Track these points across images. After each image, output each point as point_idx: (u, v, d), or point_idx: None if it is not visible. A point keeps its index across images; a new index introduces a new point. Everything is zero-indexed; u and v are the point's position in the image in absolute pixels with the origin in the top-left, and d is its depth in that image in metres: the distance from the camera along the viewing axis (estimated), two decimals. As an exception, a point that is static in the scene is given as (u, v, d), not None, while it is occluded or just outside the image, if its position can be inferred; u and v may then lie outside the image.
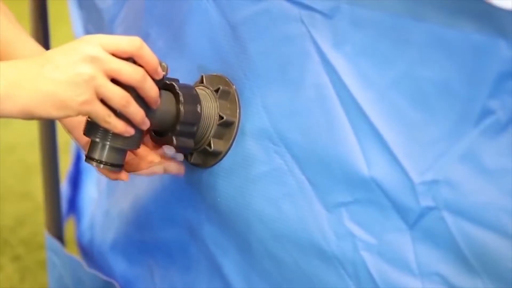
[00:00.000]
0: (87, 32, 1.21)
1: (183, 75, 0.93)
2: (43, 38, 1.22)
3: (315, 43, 0.82)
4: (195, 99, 0.88)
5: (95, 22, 1.14)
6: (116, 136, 0.82)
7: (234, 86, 0.90)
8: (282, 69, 0.85)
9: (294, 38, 0.84)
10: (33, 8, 1.23)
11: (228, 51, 0.90)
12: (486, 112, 0.71)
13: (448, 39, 0.73)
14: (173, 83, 0.87)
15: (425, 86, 0.75)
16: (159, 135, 0.89)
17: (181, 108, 0.86)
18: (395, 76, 0.77)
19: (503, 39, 0.70)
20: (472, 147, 0.72)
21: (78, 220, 1.43)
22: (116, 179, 0.89)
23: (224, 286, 0.96)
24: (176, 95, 0.87)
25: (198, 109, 0.88)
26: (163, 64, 0.84)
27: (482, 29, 0.71)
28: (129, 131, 0.82)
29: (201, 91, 0.90)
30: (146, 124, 0.83)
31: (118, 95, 0.79)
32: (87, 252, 1.29)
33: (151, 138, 0.90)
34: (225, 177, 0.90)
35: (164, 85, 0.87)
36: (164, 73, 0.84)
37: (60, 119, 0.80)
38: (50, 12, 1.25)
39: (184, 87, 0.88)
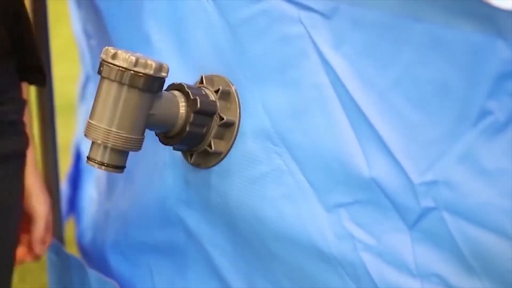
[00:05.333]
0: (86, 32, 1.22)
1: (183, 75, 0.93)
2: (43, 38, 1.22)
3: (314, 43, 0.82)
4: (213, 108, 0.89)
5: (95, 23, 1.15)
6: (118, 137, 0.82)
7: (234, 87, 0.90)
8: (282, 70, 0.85)
9: (293, 38, 0.84)
10: (33, 8, 1.23)
11: (228, 51, 0.90)
12: (485, 113, 0.71)
13: (446, 40, 0.73)
14: (191, 90, 0.88)
15: (424, 87, 0.75)
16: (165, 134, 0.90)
17: (192, 114, 0.87)
18: (394, 77, 0.77)
19: (501, 39, 0.70)
20: (471, 148, 0.72)
21: (78, 220, 1.43)
22: None
23: (222, 286, 0.96)
24: (193, 102, 0.87)
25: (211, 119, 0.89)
26: (164, 65, 0.84)
27: (481, 29, 0.71)
28: None
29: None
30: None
31: None
32: (87, 252, 1.29)
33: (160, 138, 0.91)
34: (225, 178, 0.90)
35: (178, 86, 0.88)
36: (165, 74, 0.84)
37: None
38: (50, 12, 1.25)
39: (203, 96, 0.89)
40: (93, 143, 0.84)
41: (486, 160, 0.72)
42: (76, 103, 1.49)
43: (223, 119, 0.89)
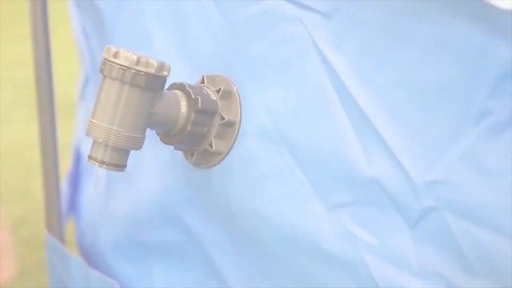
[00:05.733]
0: (86, 32, 1.21)
1: (184, 75, 0.94)
2: (43, 38, 1.22)
3: (314, 43, 0.82)
4: (214, 107, 0.88)
5: (94, 22, 1.14)
6: (119, 136, 0.83)
7: (235, 87, 0.90)
8: (283, 69, 0.86)
9: (293, 38, 0.84)
10: (33, 8, 1.23)
11: (229, 51, 0.90)
12: (485, 113, 0.72)
13: (447, 40, 0.73)
14: (191, 89, 0.88)
15: (425, 86, 0.75)
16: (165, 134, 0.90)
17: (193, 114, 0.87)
18: (394, 77, 0.77)
19: (502, 39, 0.70)
20: (472, 147, 0.72)
21: (78, 220, 1.43)
22: None
23: (222, 286, 0.96)
24: (195, 101, 0.87)
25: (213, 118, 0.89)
26: (166, 64, 0.84)
27: (481, 29, 0.71)
28: None
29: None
30: None
31: None
32: (87, 252, 1.28)
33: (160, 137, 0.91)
34: (226, 178, 0.90)
35: (179, 86, 0.88)
36: (166, 73, 0.84)
37: None
38: (50, 12, 1.25)
39: (205, 95, 0.89)
40: (94, 141, 0.84)
41: (487, 159, 0.72)
42: (76, 103, 1.49)
43: (224, 118, 0.89)
